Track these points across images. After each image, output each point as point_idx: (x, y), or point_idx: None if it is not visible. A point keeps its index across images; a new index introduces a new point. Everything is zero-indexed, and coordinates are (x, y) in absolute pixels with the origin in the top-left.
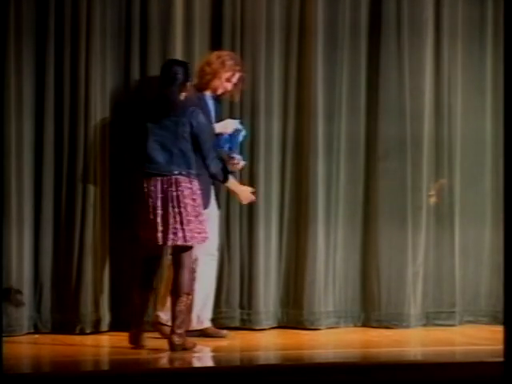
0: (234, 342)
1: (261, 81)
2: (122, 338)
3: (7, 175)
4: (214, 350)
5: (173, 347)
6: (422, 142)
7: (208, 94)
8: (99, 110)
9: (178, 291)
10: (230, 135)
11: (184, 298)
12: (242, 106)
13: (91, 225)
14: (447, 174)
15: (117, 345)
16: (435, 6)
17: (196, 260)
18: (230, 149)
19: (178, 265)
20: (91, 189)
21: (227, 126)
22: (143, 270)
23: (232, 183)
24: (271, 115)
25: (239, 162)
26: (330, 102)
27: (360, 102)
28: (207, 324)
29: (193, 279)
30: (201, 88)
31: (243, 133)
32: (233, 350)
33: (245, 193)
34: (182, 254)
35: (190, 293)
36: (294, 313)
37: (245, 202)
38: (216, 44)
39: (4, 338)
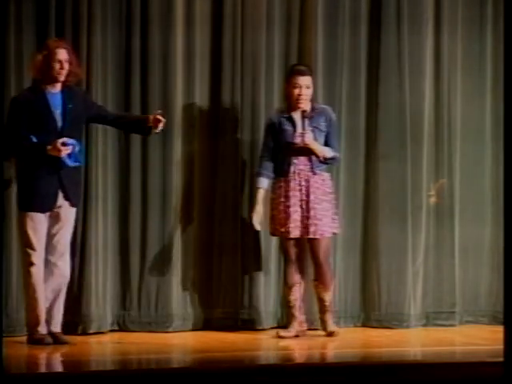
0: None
1: (261, 79)
2: (122, 338)
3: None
4: (214, 350)
5: None
6: (422, 141)
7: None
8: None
9: None
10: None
11: None
12: (243, 105)
13: (94, 224)
14: (447, 174)
15: (118, 344)
16: (435, 4)
17: None
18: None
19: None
20: (93, 187)
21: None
22: None
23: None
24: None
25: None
26: (330, 101)
27: (360, 102)
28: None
29: None
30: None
31: (77, 148)
32: (233, 350)
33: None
34: None
35: None
36: None
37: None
38: (216, 36)
39: (4, 338)
